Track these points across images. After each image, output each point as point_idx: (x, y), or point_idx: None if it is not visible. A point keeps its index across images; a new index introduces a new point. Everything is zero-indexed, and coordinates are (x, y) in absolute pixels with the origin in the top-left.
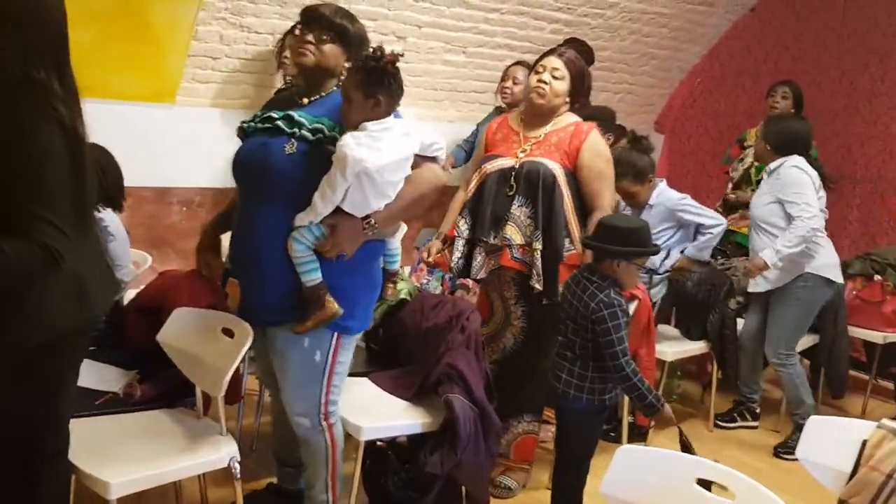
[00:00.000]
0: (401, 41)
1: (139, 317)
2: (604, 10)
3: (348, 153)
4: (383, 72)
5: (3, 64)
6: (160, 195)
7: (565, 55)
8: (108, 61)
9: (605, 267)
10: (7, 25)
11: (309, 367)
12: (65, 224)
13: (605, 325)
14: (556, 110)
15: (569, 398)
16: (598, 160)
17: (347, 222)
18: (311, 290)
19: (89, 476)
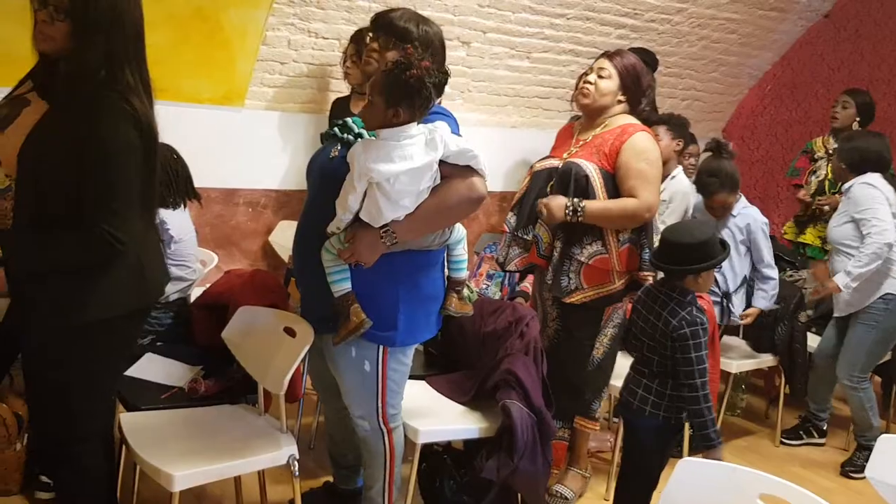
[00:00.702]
0: (465, 46)
1: (205, 314)
2: (671, 15)
3: (356, 161)
4: (406, 84)
5: (86, 63)
6: (227, 196)
7: (614, 55)
8: (181, 65)
9: (688, 282)
10: (90, 27)
11: (360, 376)
12: (131, 214)
13: (686, 343)
14: (606, 111)
15: (644, 415)
16: (637, 160)
17: (363, 232)
18: (338, 300)
19: (153, 467)
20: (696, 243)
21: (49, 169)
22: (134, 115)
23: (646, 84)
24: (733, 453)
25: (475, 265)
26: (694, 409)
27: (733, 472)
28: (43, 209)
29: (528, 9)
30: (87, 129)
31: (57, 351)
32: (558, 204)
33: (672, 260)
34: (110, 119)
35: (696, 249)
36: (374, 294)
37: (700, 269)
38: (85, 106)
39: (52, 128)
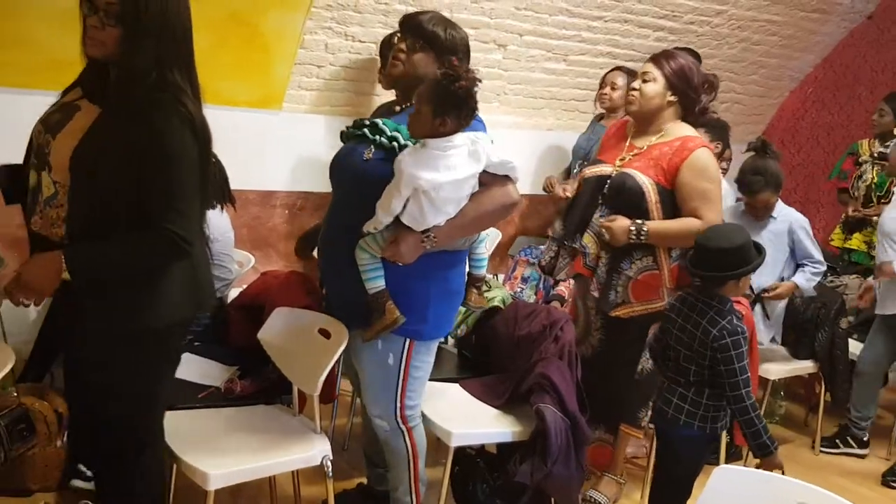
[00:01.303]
0: (501, 49)
1: (241, 315)
2: (711, 17)
3: (404, 169)
4: (455, 95)
5: (136, 67)
6: (265, 198)
7: (659, 58)
8: (220, 68)
9: (726, 288)
10: (141, 32)
11: (383, 370)
12: (194, 214)
13: (728, 354)
14: (658, 116)
15: (679, 424)
16: (699, 179)
17: (407, 235)
18: (373, 297)
19: (189, 466)
20: (733, 248)
21: (105, 174)
22: (188, 116)
23: (699, 82)
24: None
25: (510, 268)
26: (745, 419)
27: (770, 480)
28: (98, 215)
29: (565, 11)
30: (144, 131)
31: (114, 359)
32: (621, 227)
33: (709, 266)
34: (167, 120)
35: (733, 254)
36: (406, 290)
37: (739, 274)
38: (140, 109)
39: (106, 132)
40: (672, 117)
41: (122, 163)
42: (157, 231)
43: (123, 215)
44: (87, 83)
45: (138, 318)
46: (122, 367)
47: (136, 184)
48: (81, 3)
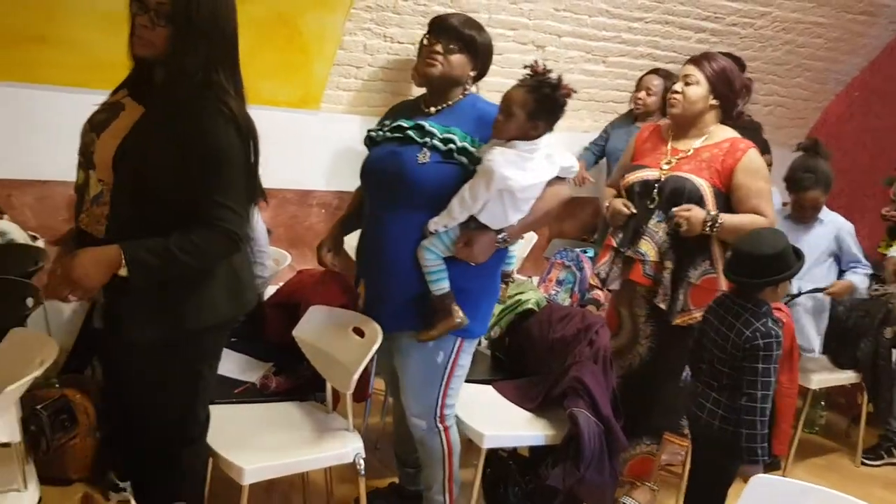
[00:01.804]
0: (540, 50)
1: (277, 312)
2: (754, 19)
3: (496, 169)
4: (555, 102)
5: (185, 68)
6: (302, 197)
7: (702, 60)
8: (261, 68)
9: (765, 294)
10: (192, 32)
11: (431, 369)
12: (244, 212)
13: (756, 355)
14: (700, 119)
15: (713, 430)
16: (755, 179)
17: (483, 236)
18: (438, 299)
19: (225, 460)
20: (774, 254)
21: (150, 172)
22: (232, 115)
23: (739, 86)
24: (811, 472)
25: (544, 271)
26: (748, 419)
27: (809, 491)
28: (141, 214)
29: (605, 12)
30: (190, 130)
31: (156, 358)
32: (698, 217)
33: (749, 272)
34: (213, 119)
35: (774, 260)
36: (461, 288)
37: (776, 281)
38: (185, 108)
39: (150, 131)
40: (713, 120)
41: (166, 162)
42: (210, 227)
43: (166, 214)
44: (133, 83)
45: (181, 320)
46: (164, 368)
47: (181, 183)
48: (131, 2)
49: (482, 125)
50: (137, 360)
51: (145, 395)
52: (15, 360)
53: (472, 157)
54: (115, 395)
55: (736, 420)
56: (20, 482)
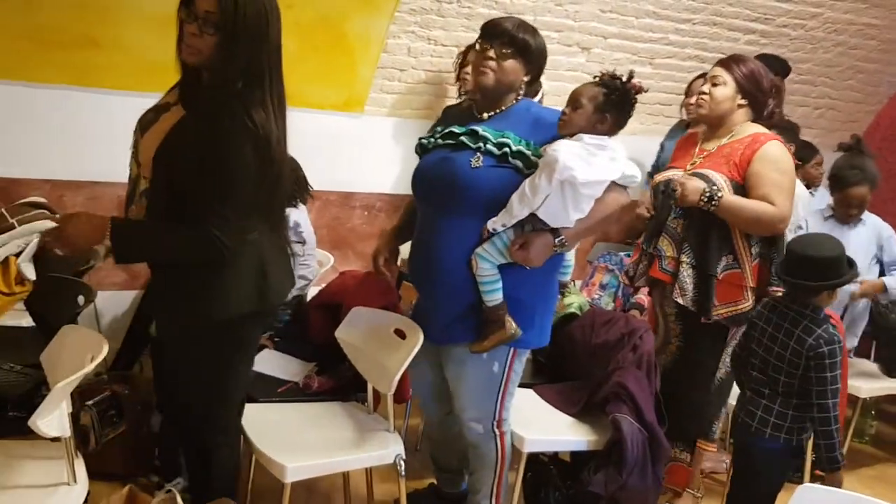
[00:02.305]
0: (585, 52)
1: (320, 313)
2: (805, 20)
3: (560, 158)
4: (625, 95)
5: (228, 74)
6: (344, 199)
7: (728, 62)
8: (306, 72)
9: (822, 299)
10: (237, 40)
11: (487, 378)
12: (240, 221)
13: (823, 363)
14: (727, 119)
15: (764, 437)
16: (769, 169)
17: (540, 238)
18: (491, 310)
19: (268, 458)
20: (832, 258)
21: (179, 172)
22: (254, 127)
23: (767, 87)
24: (860, 482)
25: (588, 274)
26: (824, 430)
27: (858, 501)
28: (172, 211)
29: (652, 14)
30: (207, 133)
31: (184, 347)
32: (695, 186)
33: (805, 275)
34: (231, 126)
35: (832, 263)
36: (516, 298)
37: (834, 285)
38: (210, 112)
39: (185, 132)
40: (742, 120)
41: (190, 165)
42: (199, 229)
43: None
44: (182, 87)
45: (201, 308)
46: (190, 357)
47: (195, 184)
48: (180, 9)
49: (538, 129)
50: (171, 351)
51: (179, 386)
52: (66, 357)
53: (528, 160)
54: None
55: (789, 428)
56: (69, 476)
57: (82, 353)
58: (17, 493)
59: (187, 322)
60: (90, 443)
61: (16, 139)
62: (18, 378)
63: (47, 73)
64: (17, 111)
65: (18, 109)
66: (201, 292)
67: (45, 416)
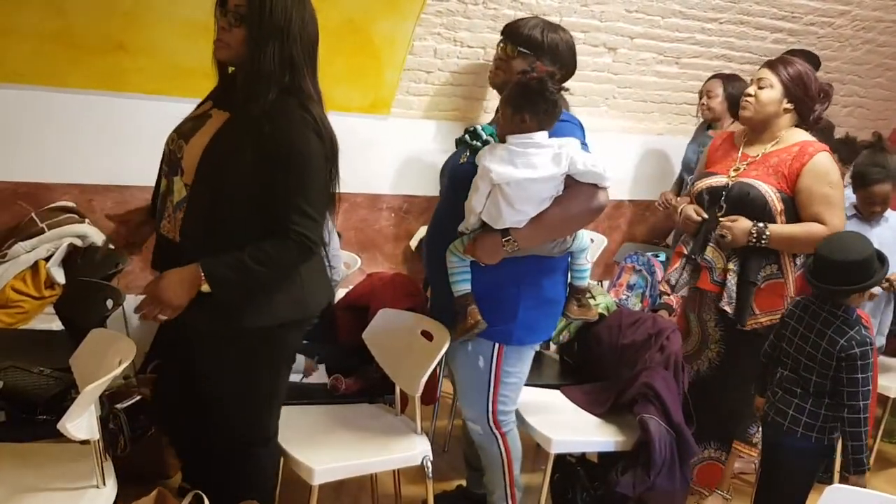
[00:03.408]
0: (611, 52)
1: (348, 315)
2: (833, 18)
3: (482, 162)
4: (526, 88)
5: (260, 70)
6: (372, 201)
7: (776, 64)
8: (334, 75)
9: (853, 300)
10: (264, 33)
11: (474, 373)
12: (320, 217)
13: (855, 364)
14: (772, 123)
15: (795, 436)
16: (820, 184)
17: (485, 236)
18: (457, 301)
19: (296, 460)
20: (860, 259)
21: (231, 174)
22: (314, 122)
23: (816, 90)
24: (889, 483)
25: (615, 275)
26: (853, 431)
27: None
28: (219, 215)
29: (678, 13)
30: (271, 133)
31: (219, 357)
32: (742, 228)
33: (834, 278)
34: (294, 123)
35: (860, 265)
36: (496, 293)
37: (864, 287)
38: (267, 111)
39: (233, 135)
40: (787, 124)
41: (245, 166)
42: (285, 233)
43: (241, 219)
44: (217, 93)
45: (240, 318)
46: (230, 367)
47: (260, 186)
48: (216, 9)
49: None
50: (200, 355)
51: (211, 393)
52: (95, 360)
53: None
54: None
55: (821, 427)
56: (99, 479)
57: (111, 357)
58: (47, 495)
59: (219, 326)
60: (119, 446)
61: (45, 144)
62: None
63: (76, 77)
64: (46, 116)
65: (47, 114)
66: (238, 302)
67: (74, 418)
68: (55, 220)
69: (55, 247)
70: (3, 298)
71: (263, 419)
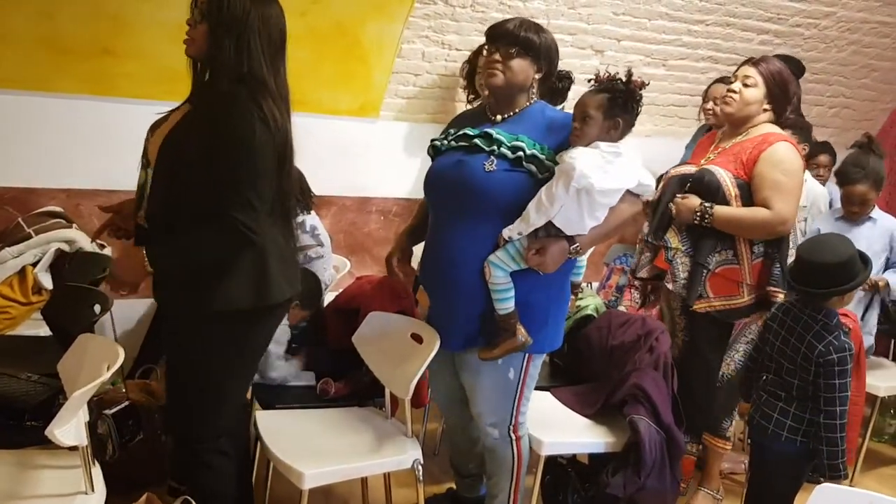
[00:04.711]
0: (598, 55)
1: (337, 318)
2: (818, 19)
3: (577, 166)
4: (630, 96)
5: (219, 62)
6: (361, 204)
7: (760, 63)
8: (322, 78)
9: (833, 304)
10: (222, 28)
11: (503, 384)
12: (263, 208)
13: (832, 370)
14: (750, 120)
15: (780, 440)
16: (773, 170)
17: (557, 244)
18: (503, 319)
19: (285, 465)
20: (840, 262)
21: (182, 164)
22: (262, 115)
23: (792, 92)
24: (879, 482)
25: (604, 276)
26: (829, 436)
27: (877, 501)
28: (174, 202)
29: (664, 15)
30: (219, 121)
31: (182, 342)
32: (689, 205)
33: (814, 281)
34: (241, 114)
35: (840, 268)
36: (529, 302)
37: (844, 290)
38: (216, 101)
39: (188, 125)
40: (763, 121)
41: (195, 153)
42: (222, 220)
43: (195, 204)
44: (191, 90)
45: (198, 303)
46: (188, 352)
47: (206, 173)
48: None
49: (552, 132)
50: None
51: (174, 384)
52: (83, 365)
53: (542, 164)
54: None
55: (805, 431)
56: (87, 485)
57: (99, 362)
58: (35, 502)
59: (187, 313)
60: (108, 451)
61: (32, 149)
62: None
63: (62, 82)
64: (33, 121)
65: (34, 119)
66: (195, 287)
67: (62, 424)
68: (42, 225)
69: (42, 252)
70: None
71: (208, 414)
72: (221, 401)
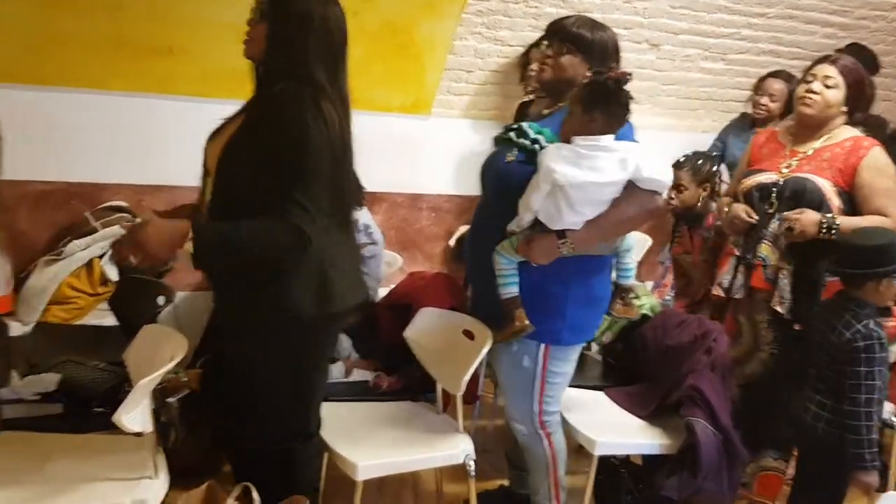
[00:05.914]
0: (654, 49)
1: (389, 313)
2: (886, 11)
3: (545, 161)
4: (603, 88)
5: (277, 62)
6: (413, 201)
7: (840, 62)
8: (375, 76)
9: (866, 291)
10: (283, 28)
11: (518, 373)
12: (318, 213)
13: (858, 357)
14: (828, 122)
15: (817, 433)
16: (880, 177)
17: (544, 239)
18: (504, 303)
19: (340, 456)
20: (877, 245)
21: (242, 170)
22: (319, 116)
23: (869, 94)
24: None
25: (660, 275)
26: (851, 424)
27: None
28: (233, 209)
29: (724, 8)
30: (272, 122)
31: (246, 349)
32: (811, 220)
33: (851, 264)
34: (301, 114)
35: (875, 252)
36: (544, 293)
37: (875, 274)
38: (272, 101)
39: (246, 130)
40: (839, 123)
41: (251, 157)
42: (277, 219)
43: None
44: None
45: (258, 309)
46: (253, 359)
47: (262, 176)
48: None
49: None
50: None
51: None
52: (148, 355)
53: None
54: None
55: (841, 424)
56: (152, 470)
57: (163, 352)
58: (103, 485)
59: (243, 323)
60: (171, 438)
61: (97, 146)
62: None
63: (129, 81)
64: (101, 119)
65: (102, 117)
66: (259, 292)
67: (128, 411)
68: (108, 219)
69: (108, 245)
70: (60, 295)
71: (298, 414)
72: (303, 400)
